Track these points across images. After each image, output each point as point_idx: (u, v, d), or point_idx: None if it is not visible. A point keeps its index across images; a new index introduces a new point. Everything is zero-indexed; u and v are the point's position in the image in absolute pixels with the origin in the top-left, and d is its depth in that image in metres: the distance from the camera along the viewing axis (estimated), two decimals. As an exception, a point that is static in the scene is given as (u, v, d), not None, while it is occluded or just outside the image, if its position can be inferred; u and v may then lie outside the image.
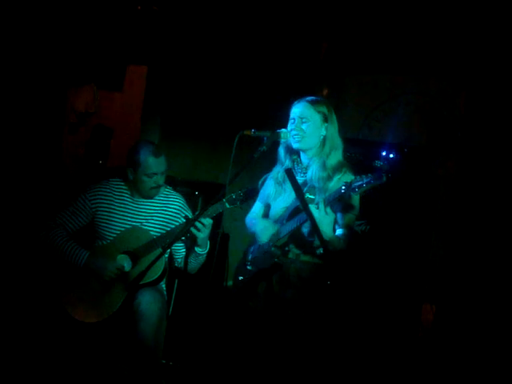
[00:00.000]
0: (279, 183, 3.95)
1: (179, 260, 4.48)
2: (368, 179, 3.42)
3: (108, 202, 4.42)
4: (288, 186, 3.84)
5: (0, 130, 5.53)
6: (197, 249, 4.22)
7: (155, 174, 4.31)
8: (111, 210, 4.40)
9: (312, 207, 3.51)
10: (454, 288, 6.12)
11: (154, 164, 4.29)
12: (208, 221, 4.02)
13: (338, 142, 3.89)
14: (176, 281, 4.82)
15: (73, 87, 6.24)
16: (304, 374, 3.80)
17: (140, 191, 4.39)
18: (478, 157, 6.25)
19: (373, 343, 5.10)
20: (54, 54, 5.72)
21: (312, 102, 3.88)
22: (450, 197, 6.33)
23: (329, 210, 3.55)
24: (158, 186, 4.36)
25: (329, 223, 3.54)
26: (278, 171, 3.98)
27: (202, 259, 4.33)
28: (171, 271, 4.55)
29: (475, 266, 6.00)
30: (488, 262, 5.97)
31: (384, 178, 3.40)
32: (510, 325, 5.27)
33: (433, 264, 5.65)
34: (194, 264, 4.35)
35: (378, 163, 5.06)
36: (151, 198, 4.42)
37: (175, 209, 4.46)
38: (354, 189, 3.45)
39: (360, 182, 3.44)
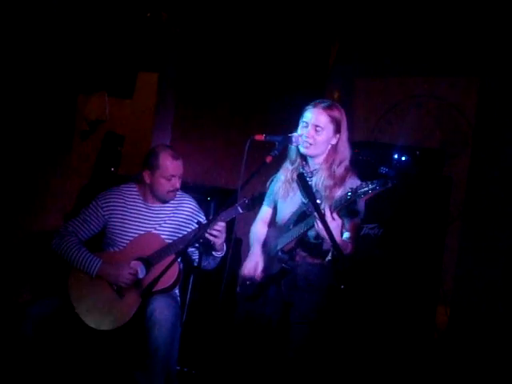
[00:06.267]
0: (288, 181, 3.93)
1: (196, 260, 4.48)
2: (373, 185, 3.42)
3: (121, 208, 4.43)
4: (295, 186, 3.84)
5: (11, 138, 5.56)
6: (214, 253, 4.24)
7: (173, 176, 4.32)
8: (124, 217, 4.41)
9: None
10: (469, 290, 6.09)
11: (172, 166, 4.32)
12: (221, 225, 4.02)
13: (347, 150, 3.87)
14: (191, 277, 4.76)
15: (83, 95, 6.26)
16: (315, 378, 3.78)
17: (157, 195, 4.40)
18: (489, 159, 6.22)
19: (387, 346, 5.08)
20: (64, 61, 5.74)
21: (327, 109, 3.82)
22: (462, 199, 6.31)
23: (335, 215, 3.54)
24: (175, 189, 4.38)
25: (335, 228, 3.53)
26: (287, 168, 3.96)
27: (218, 260, 4.34)
28: (186, 269, 4.53)
29: (489, 267, 5.97)
30: (501, 262, 5.94)
31: (389, 184, 3.40)
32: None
33: (446, 266, 5.62)
34: (212, 264, 4.36)
35: (384, 170, 5.07)
36: (166, 202, 4.42)
37: (187, 212, 4.47)
38: (360, 195, 3.45)
39: (366, 189, 3.43)
